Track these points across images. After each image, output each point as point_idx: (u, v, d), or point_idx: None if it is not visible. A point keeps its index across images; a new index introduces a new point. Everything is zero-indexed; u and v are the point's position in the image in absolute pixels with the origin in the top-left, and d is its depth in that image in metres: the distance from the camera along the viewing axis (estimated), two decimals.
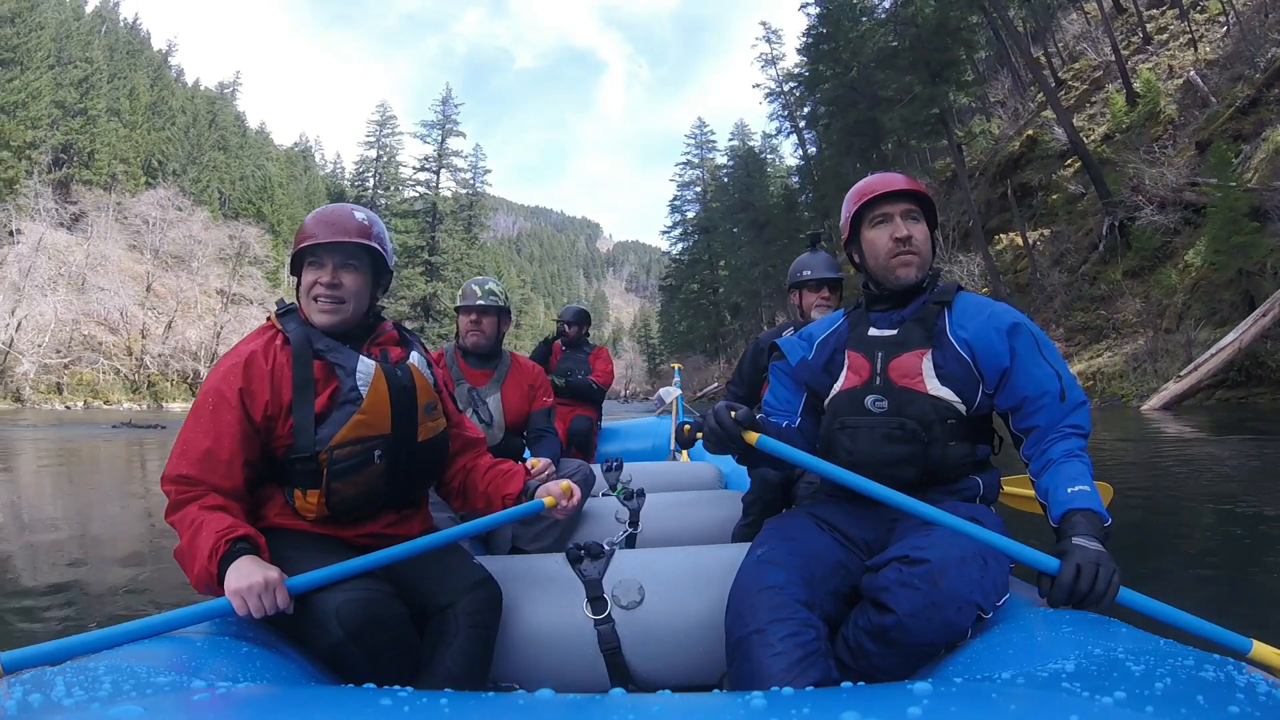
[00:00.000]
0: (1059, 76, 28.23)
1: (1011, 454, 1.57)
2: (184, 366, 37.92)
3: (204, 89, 60.89)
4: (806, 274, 2.73)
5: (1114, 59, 23.80)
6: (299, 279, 1.52)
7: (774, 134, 45.56)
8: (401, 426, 1.46)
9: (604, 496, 2.78)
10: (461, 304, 2.79)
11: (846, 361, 1.55)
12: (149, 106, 48.66)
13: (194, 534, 1.23)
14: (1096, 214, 20.02)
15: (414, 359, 1.56)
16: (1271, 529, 3.77)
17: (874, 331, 1.54)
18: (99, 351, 35.03)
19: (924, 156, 29.95)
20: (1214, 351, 12.55)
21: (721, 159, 54.47)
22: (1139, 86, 22.05)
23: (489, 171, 58.00)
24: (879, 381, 1.48)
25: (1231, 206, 13.83)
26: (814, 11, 33.04)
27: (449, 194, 54.64)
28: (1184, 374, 12.96)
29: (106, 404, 32.56)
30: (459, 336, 2.82)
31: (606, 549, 1.66)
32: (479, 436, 1.78)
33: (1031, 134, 25.58)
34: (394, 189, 56.63)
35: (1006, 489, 1.95)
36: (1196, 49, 22.34)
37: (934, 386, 1.43)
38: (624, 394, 65.74)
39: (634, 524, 2.39)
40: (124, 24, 54.75)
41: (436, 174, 54.60)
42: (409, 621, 1.33)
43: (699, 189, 55.08)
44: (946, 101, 24.62)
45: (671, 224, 56.47)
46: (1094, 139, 22.97)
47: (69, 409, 30.44)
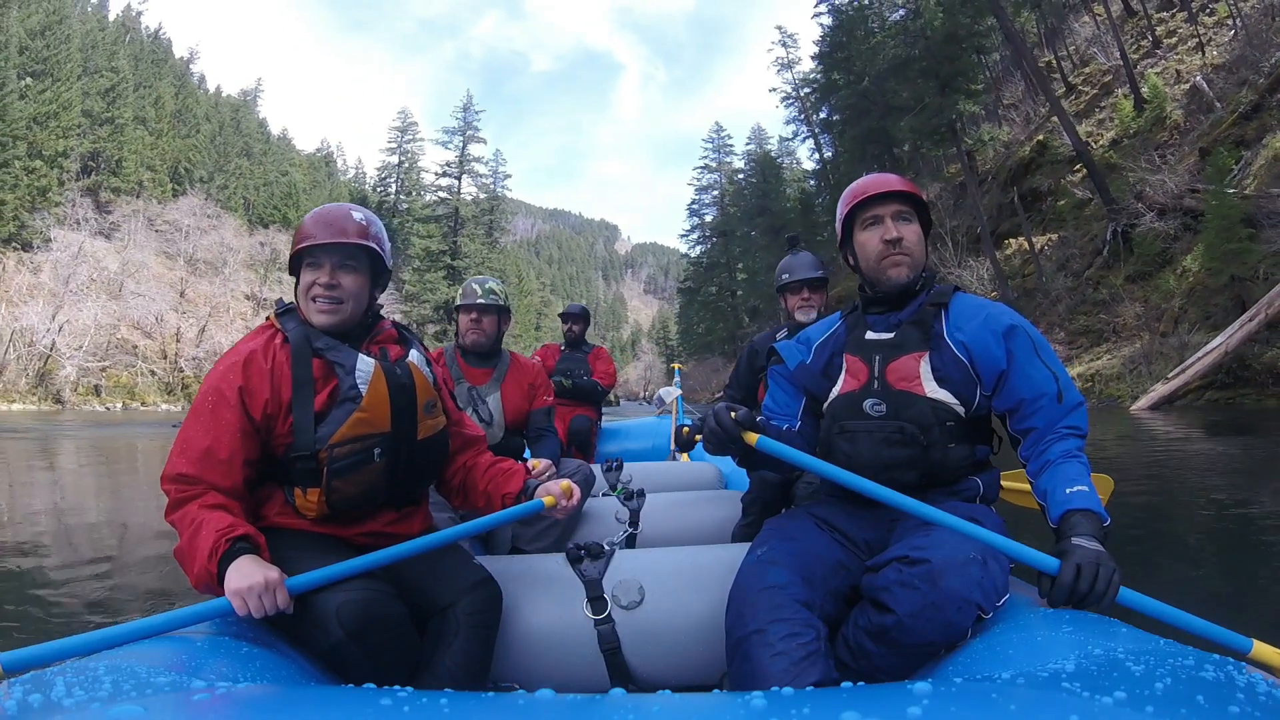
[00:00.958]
0: (1069, 81, 28.25)
1: (1010, 454, 1.57)
2: None
3: (225, 96, 61.70)
4: (786, 277, 2.79)
5: (1123, 64, 23.89)
6: (297, 279, 1.52)
7: (790, 138, 45.81)
8: (401, 425, 1.46)
9: (604, 496, 2.78)
10: (462, 303, 2.79)
11: (844, 365, 1.56)
12: (174, 114, 49.73)
13: (194, 533, 1.23)
14: (1101, 220, 20.21)
15: (413, 357, 1.56)
16: (1262, 527, 3.79)
17: (871, 335, 1.54)
18: (134, 355, 35.68)
19: (937, 162, 30.07)
20: (1201, 355, 12.96)
21: (739, 163, 54.70)
22: (1146, 92, 22.12)
23: (509, 176, 58.44)
24: (877, 385, 1.48)
25: (1226, 214, 14.14)
26: (826, 21, 33.52)
27: (470, 199, 55.45)
28: (1171, 376, 13.35)
29: (143, 405, 33.11)
30: (459, 335, 2.83)
31: (606, 549, 1.66)
32: (479, 434, 1.77)
33: (1042, 139, 25.68)
34: (416, 194, 57.40)
35: (1006, 485, 1.95)
36: (1204, 53, 22.33)
37: (932, 389, 1.43)
38: (642, 396, 65.75)
39: (634, 524, 2.39)
40: (147, 33, 55.40)
41: (458, 179, 55.33)
42: (409, 621, 1.33)
43: (716, 193, 55.29)
44: (956, 111, 24.91)
45: (690, 227, 56.71)
46: (1102, 144, 23.08)
47: (108, 410, 30.85)
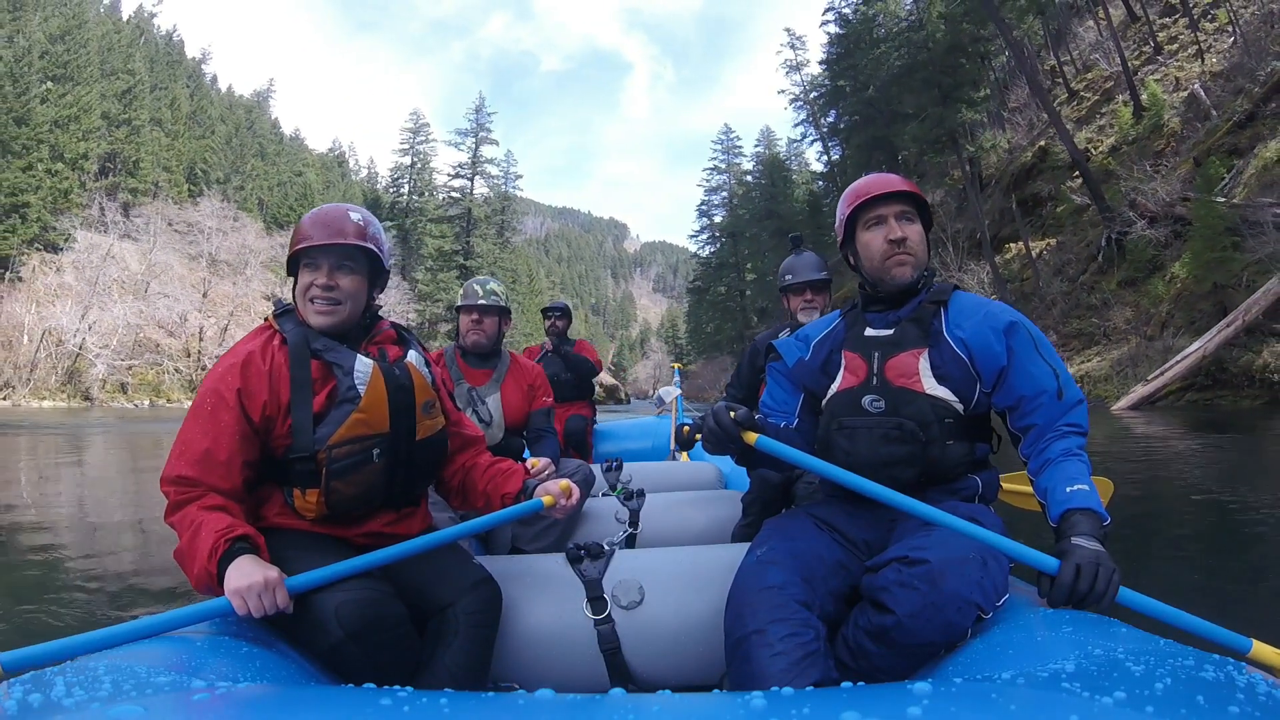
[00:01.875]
0: (1071, 87, 28.31)
1: (1010, 452, 1.57)
2: None
3: (238, 96, 62.58)
4: (789, 278, 2.79)
5: (1125, 67, 23.91)
6: (295, 280, 1.51)
7: (799, 139, 45.97)
8: (400, 425, 1.46)
9: (604, 496, 2.78)
10: (463, 303, 2.79)
11: (843, 362, 1.55)
12: (189, 116, 50.28)
13: (193, 534, 1.23)
14: (1097, 226, 20.48)
15: (412, 358, 1.56)
16: (1244, 521, 3.82)
17: (870, 332, 1.54)
18: (159, 353, 36.19)
19: (942, 167, 30.20)
20: (1180, 358, 13.52)
21: (747, 164, 54.98)
22: (1146, 99, 22.17)
23: (520, 176, 59.18)
24: (876, 381, 1.48)
25: (1211, 223, 14.56)
26: (833, 30, 33.79)
27: (482, 199, 56.09)
28: (1151, 378, 13.85)
29: (168, 402, 33.77)
30: (459, 336, 2.83)
31: (606, 549, 1.66)
32: (478, 435, 1.77)
33: (1044, 145, 25.78)
34: (428, 195, 57.94)
35: (1005, 486, 1.95)
36: (1203, 60, 22.32)
37: (931, 386, 1.43)
38: (651, 394, 66.06)
39: (634, 524, 2.39)
40: (160, 35, 56.91)
41: (470, 180, 55.95)
42: (409, 621, 1.33)
43: (725, 194, 55.53)
44: (956, 121, 25.21)
45: (699, 228, 56.89)
46: (1102, 151, 23.19)
47: (136, 407, 31.41)
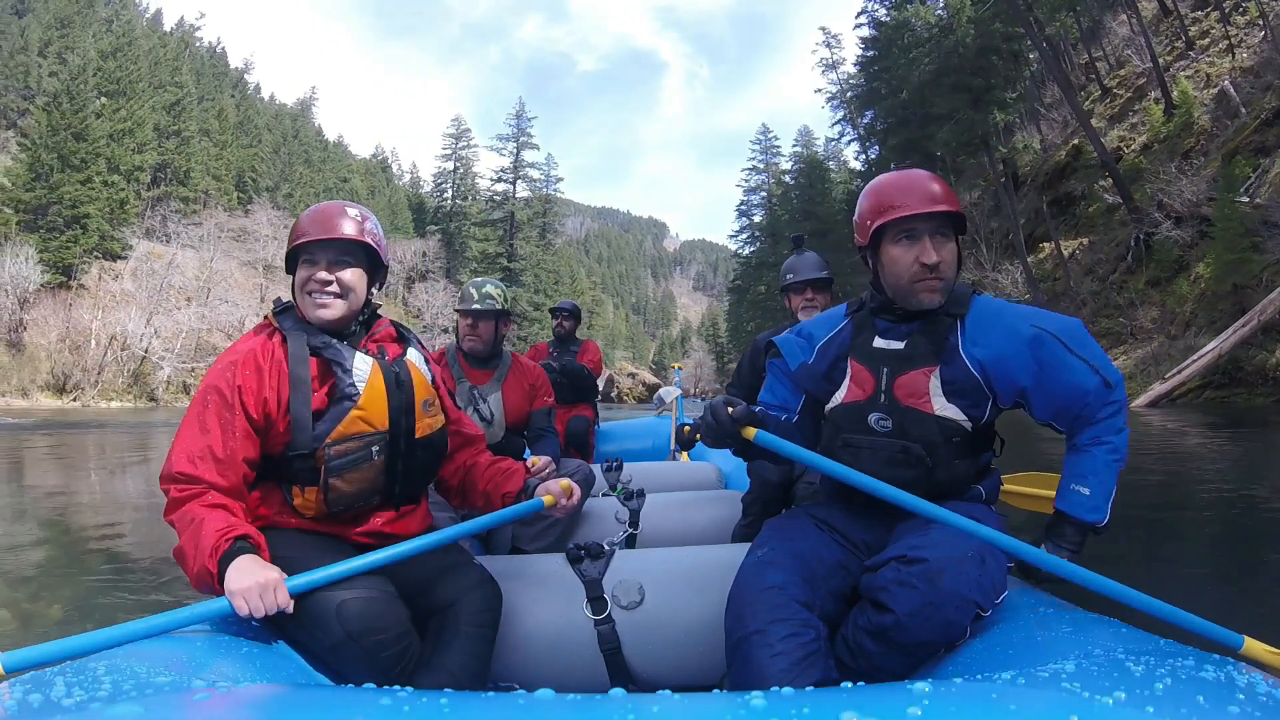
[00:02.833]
0: (1105, 84, 28.19)
1: (1012, 454, 1.57)
2: None
3: (280, 104, 64.86)
4: (790, 277, 2.78)
5: (1156, 65, 23.77)
6: (294, 276, 1.51)
7: (836, 138, 45.58)
8: (399, 423, 1.46)
9: (604, 496, 2.78)
10: (459, 308, 2.78)
11: (849, 372, 1.47)
12: (236, 126, 52.26)
13: (193, 533, 1.23)
14: (1127, 226, 20.59)
15: (411, 356, 1.56)
16: (1248, 517, 3.83)
17: (880, 342, 1.45)
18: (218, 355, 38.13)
19: (977, 167, 30.14)
20: (1195, 358, 13.79)
21: (786, 164, 54.95)
22: (1177, 96, 21.99)
23: (561, 180, 60.44)
24: (883, 399, 1.41)
25: (1232, 224, 14.72)
26: (866, 34, 33.88)
27: (523, 202, 57.31)
28: (1169, 376, 14.13)
29: None
30: (459, 339, 2.82)
31: (606, 549, 1.66)
32: (478, 434, 1.77)
33: (1077, 144, 25.71)
34: (471, 199, 59.60)
35: (1008, 488, 1.95)
36: (1234, 55, 22.11)
37: (940, 406, 1.37)
38: (694, 392, 66.21)
39: (634, 524, 2.39)
40: (205, 47, 60.37)
41: (513, 184, 57.25)
42: (409, 621, 1.33)
43: (765, 194, 55.72)
44: (988, 124, 25.27)
45: (739, 228, 56.91)
46: (1134, 149, 23.07)
47: None
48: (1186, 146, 20.48)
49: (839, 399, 1.49)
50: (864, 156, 40.13)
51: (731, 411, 1.38)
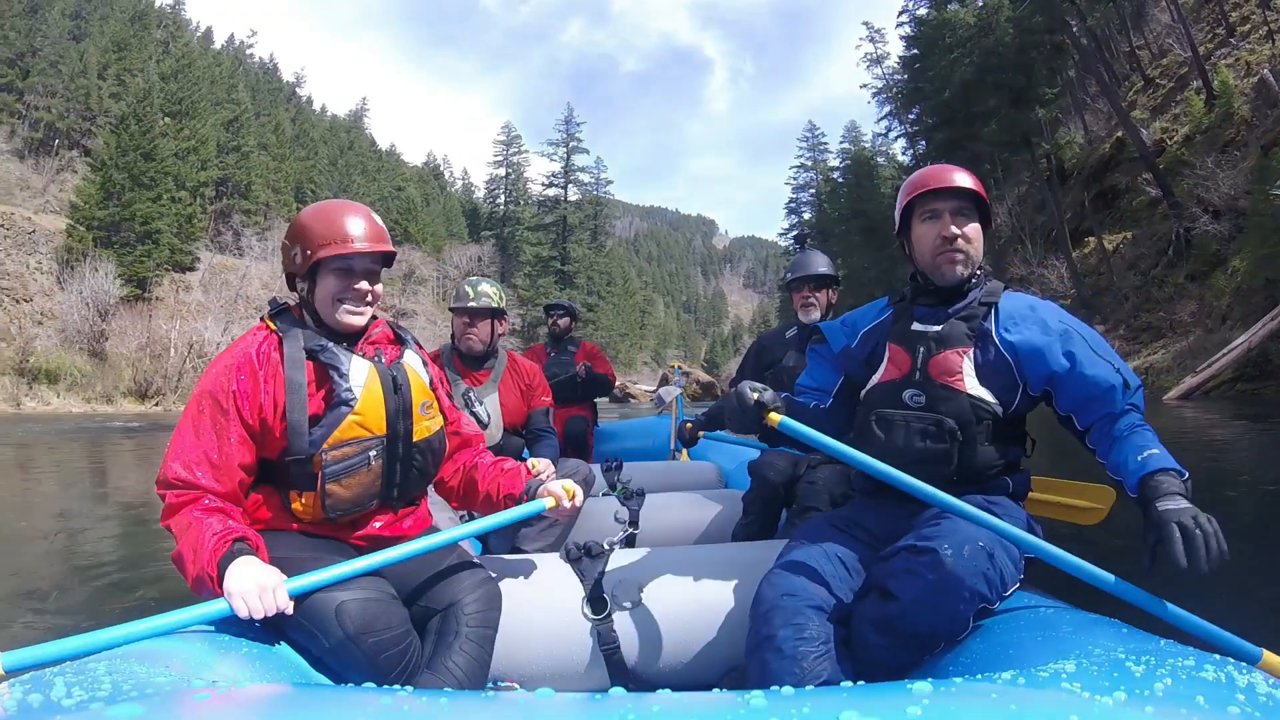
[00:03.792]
0: (1147, 73, 27.63)
1: (1041, 459, 1.57)
2: None
3: (331, 115, 67.57)
4: (789, 276, 2.84)
5: (1196, 55, 23.11)
6: (314, 279, 1.45)
7: (883, 133, 44.81)
8: (396, 427, 1.45)
9: (604, 496, 2.78)
10: (455, 306, 2.74)
11: (887, 354, 1.54)
12: (293, 139, 54.96)
13: (191, 537, 1.22)
14: (1168, 220, 20.35)
15: (409, 358, 1.54)
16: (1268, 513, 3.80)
17: (918, 326, 1.52)
18: None
19: (1021, 164, 30.01)
20: (1226, 351, 13.78)
21: (834, 160, 54.70)
22: (1217, 86, 21.35)
23: (610, 182, 61.52)
24: (918, 376, 1.47)
25: (1265, 218, 14.58)
26: (906, 32, 33.90)
27: (574, 204, 58.32)
28: (1200, 369, 14.10)
29: None
30: (454, 338, 2.80)
31: (606, 549, 1.66)
32: (477, 435, 1.77)
33: (1121, 136, 25.22)
34: (523, 204, 61.20)
35: (1035, 495, 1.93)
36: (1274, 42, 21.36)
37: (973, 386, 1.42)
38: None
39: (634, 524, 2.39)
40: (258, 63, 63.19)
41: (564, 189, 58.10)
42: (409, 622, 1.33)
43: (813, 191, 55.68)
44: (1029, 122, 25.29)
45: (788, 226, 56.73)
46: (1176, 141, 22.52)
47: None
48: (1227, 138, 19.90)
49: (875, 379, 1.55)
50: (912, 152, 39.46)
51: (757, 397, 1.41)
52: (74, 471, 8.44)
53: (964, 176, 1.50)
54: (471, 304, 2.70)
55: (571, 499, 1.57)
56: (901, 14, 34.69)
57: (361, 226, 1.44)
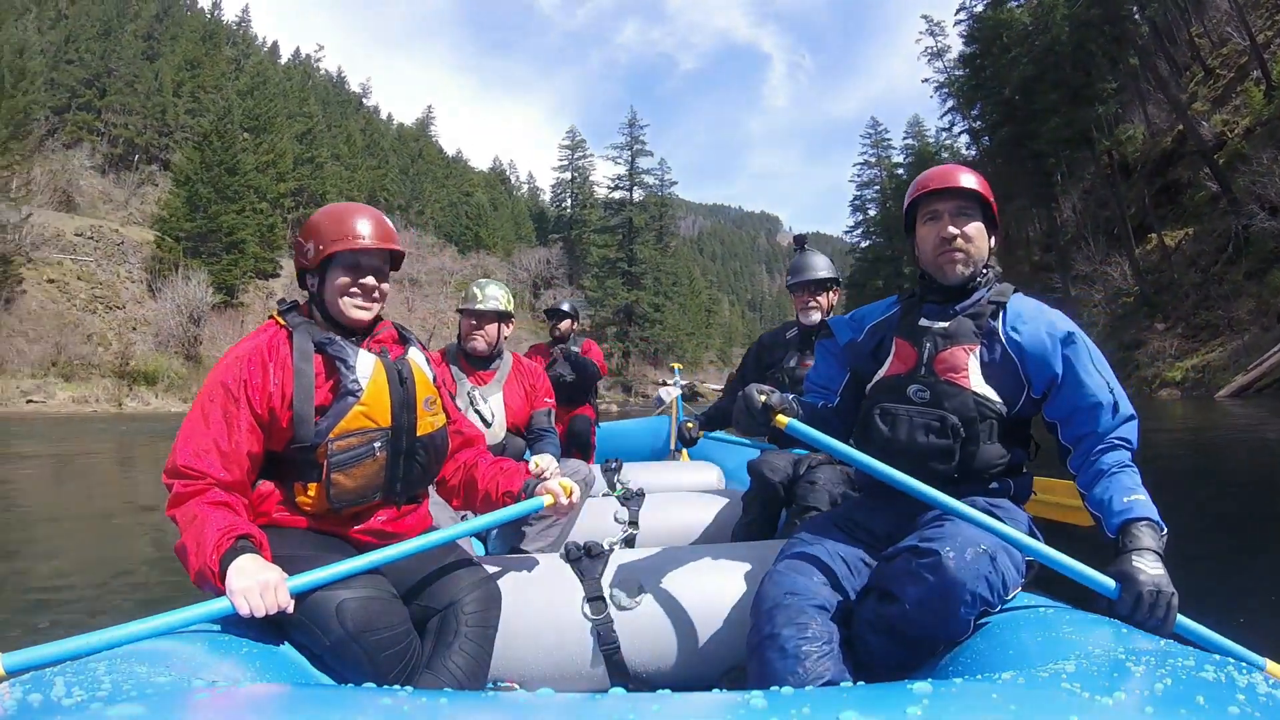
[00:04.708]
0: (1207, 63, 27.11)
1: (1045, 463, 1.56)
2: None
3: (398, 124, 69.98)
4: (790, 279, 2.84)
5: (1254, 44, 22.56)
6: (323, 274, 1.49)
7: (946, 128, 43.73)
8: (401, 419, 1.47)
9: (604, 496, 2.78)
10: (464, 307, 2.78)
11: (894, 349, 1.55)
12: (364, 149, 57.39)
13: (195, 530, 1.23)
14: (1228, 215, 20.01)
15: (413, 354, 1.58)
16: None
17: (925, 322, 1.53)
18: None
19: (1083, 160, 29.72)
20: (1277, 349, 13.85)
21: (897, 156, 54.33)
22: (1277, 76, 20.81)
23: (675, 184, 62.04)
24: (923, 371, 1.47)
25: None
26: (964, 29, 33.89)
27: (639, 206, 59.10)
28: (1251, 368, 14.20)
29: None
30: (461, 339, 2.82)
31: (606, 549, 1.66)
32: (477, 435, 1.78)
33: (1183, 129, 24.65)
34: (590, 207, 62.03)
35: (1039, 496, 1.93)
36: None
37: (977, 383, 1.43)
38: None
39: (633, 524, 2.39)
40: (323, 75, 66.31)
41: (629, 191, 58.90)
42: (409, 621, 1.33)
43: (878, 188, 55.42)
44: (1089, 119, 25.23)
45: (854, 223, 56.56)
46: (1237, 133, 22.04)
47: None
48: None
49: (881, 374, 1.55)
50: (976, 148, 38.75)
51: (765, 399, 1.41)
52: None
53: (967, 177, 1.51)
54: (480, 306, 2.74)
55: (569, 496, 1.57)
56: (959, 11, 34.56)
57: (369, 226, 1.49)
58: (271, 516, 1.41)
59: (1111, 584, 1.15)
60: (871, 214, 54.87)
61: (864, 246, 55.16)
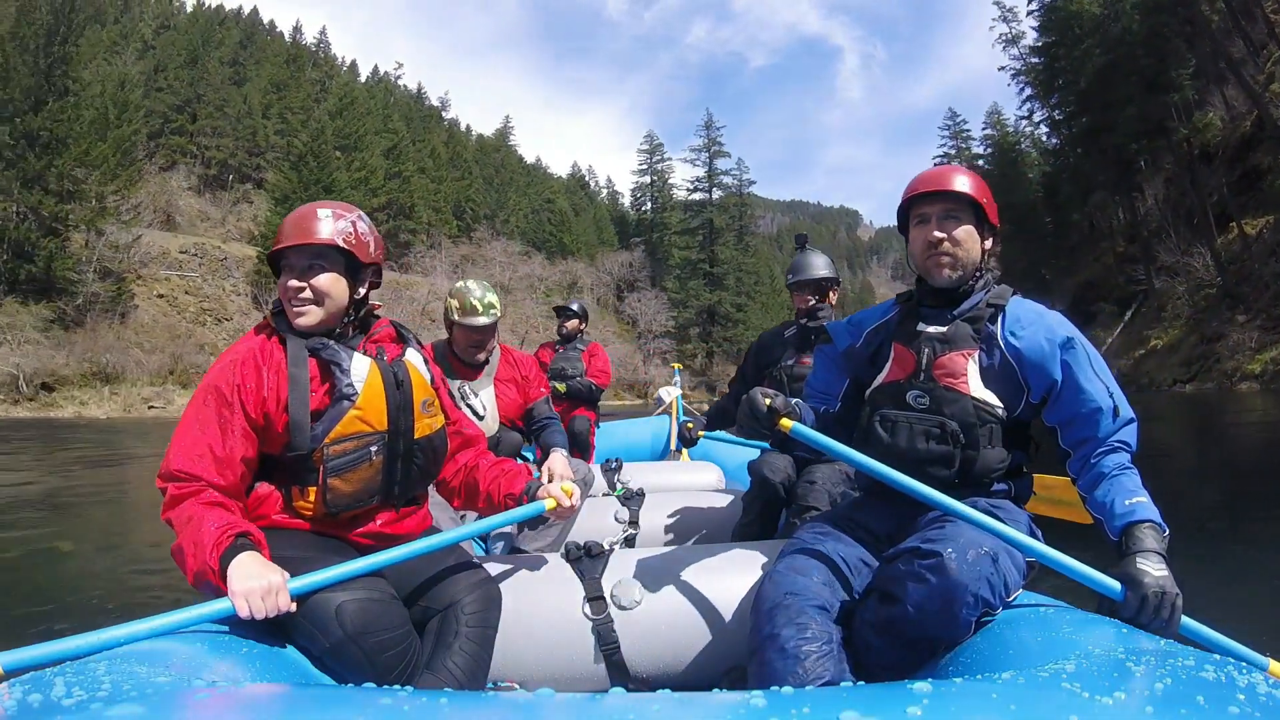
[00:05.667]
0: None
1: (1044, 463, 1.56)
2: None
3: (478, 135, 74.07)
4: (791, 277, 2.85)
5: None
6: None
7: (1025, 115, 43.06)
8: (398, 423, 1.46)
9: (604, 496, 2.78)
10: (462, 321, 2.60)
11: (892, 354, 1.54)
12: (448, 161, 59.55)
13: (192, 530, 1.22)
14: None
15: (410, 356, 1.55)
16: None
17: (923, 326, 1.53)
18: None
19: (1168, 148, 29.07)
20: None
21: (977, 147, 53.19)
22: None
23: (753, 183, 63.52)
24: (922, 377, 1.47)
25: None
26: (1036, 22, 33.88)
27: (719, 207, 59.97)
28: None
29: None
30: (452, 343, 2.71)
31: (606, 549, 1.66)
32: (478, 434, 1.77)
33: (1258, 114, 24.15)
34: (670, 210, 63.12)
35: (1040, 493, 1.93)
36: None
37: (976, 388, 1.42)
38: None
39: (634, 524, 2.39)
40: (406, 92, 68.77)
41: (708, 192, 59.82)
42: (409, 622, 1.33)
43: None
44: (1164, 108, 24.97)
45: None
46: None
47: None
48: None
49: (880, 380, 1.55)
50: (1057, 136, 38.20)
51: (769, 403, 1.41)
52: None
53: (958, 179, 1.50)
54: (483, 320, 2.58)
55: (570, 499, 1.57)
56: (1031, 1, 34.33)
57: (290, 223, 1.44)
58: (272, 519, 1.40)
59: (1116, 585, 1.15)
60: None
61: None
